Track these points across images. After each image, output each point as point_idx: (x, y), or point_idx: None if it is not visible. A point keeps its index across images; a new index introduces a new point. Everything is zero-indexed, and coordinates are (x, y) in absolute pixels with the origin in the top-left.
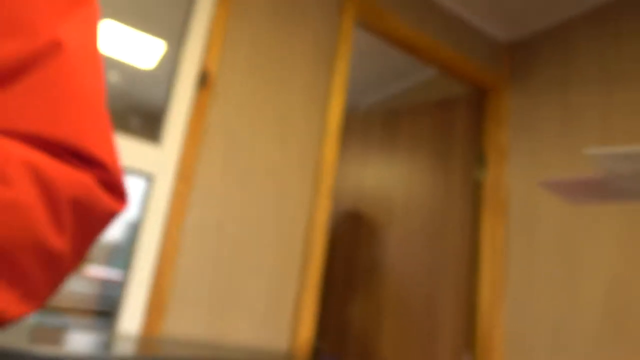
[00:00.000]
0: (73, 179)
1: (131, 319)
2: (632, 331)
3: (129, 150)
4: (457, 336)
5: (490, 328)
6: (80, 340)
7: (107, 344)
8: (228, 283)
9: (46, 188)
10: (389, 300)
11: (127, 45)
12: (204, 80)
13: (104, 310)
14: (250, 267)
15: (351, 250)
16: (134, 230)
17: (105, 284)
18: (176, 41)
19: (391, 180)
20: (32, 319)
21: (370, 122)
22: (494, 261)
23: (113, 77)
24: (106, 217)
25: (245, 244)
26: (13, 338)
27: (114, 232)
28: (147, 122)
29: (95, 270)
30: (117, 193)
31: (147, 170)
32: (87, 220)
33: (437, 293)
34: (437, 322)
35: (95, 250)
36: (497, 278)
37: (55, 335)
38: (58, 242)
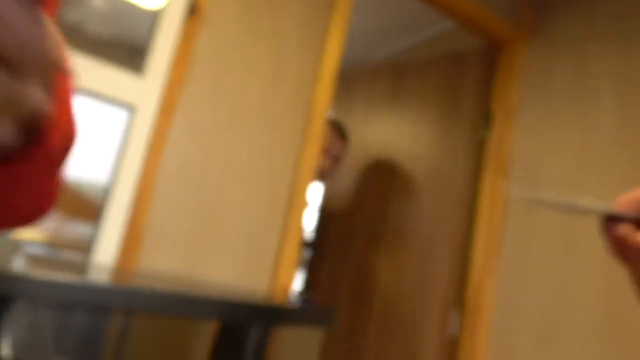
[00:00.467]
0: None
1: (106, 252)
2: (632, 309)
3: (110, 80)
4: (448, 292)
5: (481, 287)
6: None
7: (78, 271)
8: (209, 222)
9: None
10: (388, 252)
11: None
12: (193, 9)
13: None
14: (234, 208)
15: (357, 203)
16: (115, 162)
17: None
18: None
19: (396, 137)
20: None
21: (377, 77)
22: (491, 221)
23: (98, 2)
24: None
25: (229, 185)
26: None
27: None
28: (132, 53)
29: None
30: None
31: (129, 101)
32: None
33: (433, 248)
34: (431, 277)
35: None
36: (493, 237)
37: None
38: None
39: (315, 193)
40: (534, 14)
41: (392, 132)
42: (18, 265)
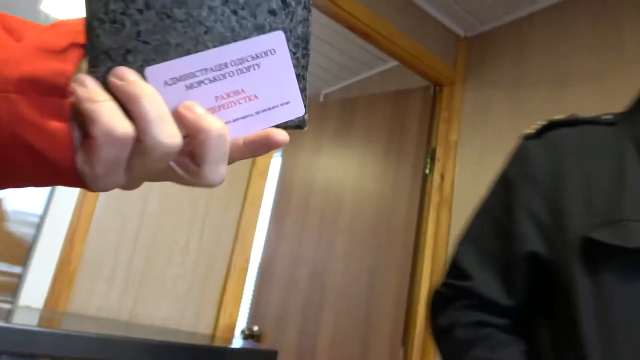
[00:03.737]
0: None
1: (35, 292)
2: None
3: None
4: (395, 330)
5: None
6: None
7: (7, 315)
8: (148, 259)
9: None
10: (334, 291)
11: None
12: None
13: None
14: (175, 247)
15: (299, 240)
16: (47, 197)
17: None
18: None
19: (343, 171)
20: None
21: (326, 112)
22: (435, 256)
23: None
24: None
25: (170, 222)
26: None
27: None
28: None
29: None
30: None
31: None
32: None
33: (378, 286)
34: (377, 317)
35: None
36: (436, 272)
37: None
38: None
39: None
40: (469, 55)
41: (340, 166)
42: None
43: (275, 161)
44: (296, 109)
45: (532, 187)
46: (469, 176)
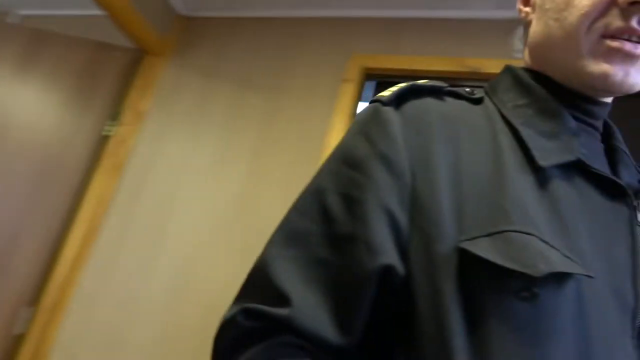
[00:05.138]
0: None
1: None
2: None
3: None
4: (26, 289)
5: (67, 284)
6: None
7: None
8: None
9: None
10: None
11: None
12: None
13: None
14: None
15: None
16: None
17: None
18: None
19: (20, 108)
20: None
21: (11, 35)
22: (92, 219)
23: None
24: None
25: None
26: None
27: None
28: None
29: None
30: None
31: None
32: None
33: (23, 240)
34: (9, 271)
35: None
36: (90, 235)
37: None
38: None
39: None
40: (184, 35)
41: (17, 101)
42: None
43: None
44: None
45: (388, 173)
46: (149, 149)
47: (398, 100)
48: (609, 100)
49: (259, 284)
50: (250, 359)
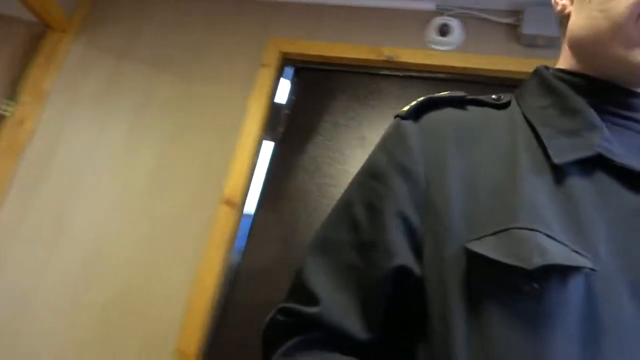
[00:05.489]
0: None
1: None
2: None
3: None
4: None
5: None
6: None
7: None
8: None
9: None
10: None
11: None
12: None
13: None
14: None
15: None
16: None
17: None
18: None
19: None
20: None
21: None
22: None
23: None
24: None
25: None
26: None
27: None
28: None
29: None
30: None
31: None
32: None
33: None
34: None
35: None
36: None
37: None
38: None
39: None
40: (92, 12)
41: None
42: None
43: None
44: None
45: (405, 182)
46: (52, 131)
47: (417, 113)
48: None
49: (296, 288)
50: (285, 351)
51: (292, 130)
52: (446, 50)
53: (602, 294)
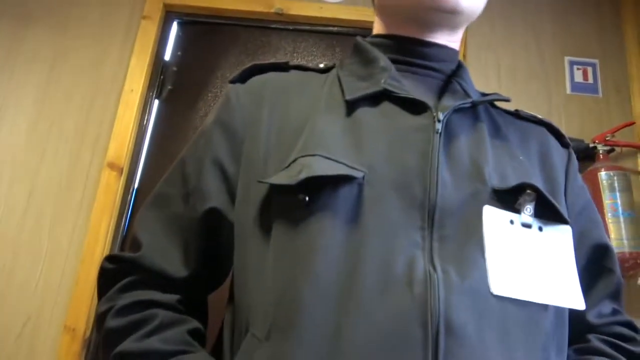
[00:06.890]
0: None
1: None
2: None
3: None
4: None
5: None
6: None
7: None
8: None
9: None
10: None
11: None
12: None
13: None
14: None
15: None
16: None
17: None
18: None
19: None
20: None
21: None
22: None
23: None
24: None
25: None
26: None
27: None
28: None
29: None
30: None
31: None
32: None
33: None
34: None
35: None
36: None
37: None
38: None
39: None
40: None
41: None
42: None
43: None
44: None
45: (224, 135)
46: None
47: (243, 77)
48: (444, 42)
49: (129, 240)
50: (110, 296)
51: (180, 87)
52: (337, 2)
53: (372, 196)
